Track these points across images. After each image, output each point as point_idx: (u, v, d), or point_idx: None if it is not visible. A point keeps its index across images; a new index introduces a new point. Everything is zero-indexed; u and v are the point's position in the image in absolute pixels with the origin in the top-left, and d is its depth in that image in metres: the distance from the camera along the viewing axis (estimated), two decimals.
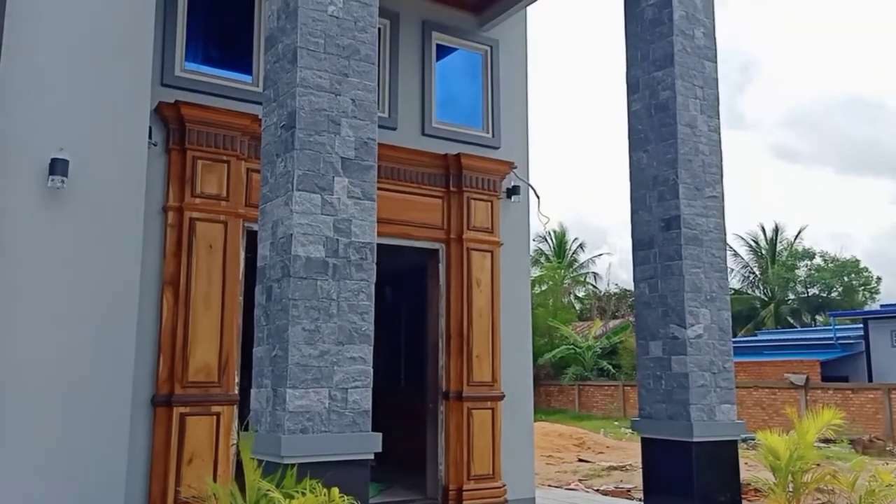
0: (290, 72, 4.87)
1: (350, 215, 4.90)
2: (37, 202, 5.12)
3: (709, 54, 6.55)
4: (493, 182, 8.71)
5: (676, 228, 6.17)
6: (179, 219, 6.66)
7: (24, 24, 5.13)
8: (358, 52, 5.07)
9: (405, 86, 8.52)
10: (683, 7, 6.45)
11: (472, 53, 9.24)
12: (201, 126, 6.82)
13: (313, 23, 4.89)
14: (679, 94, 6.29)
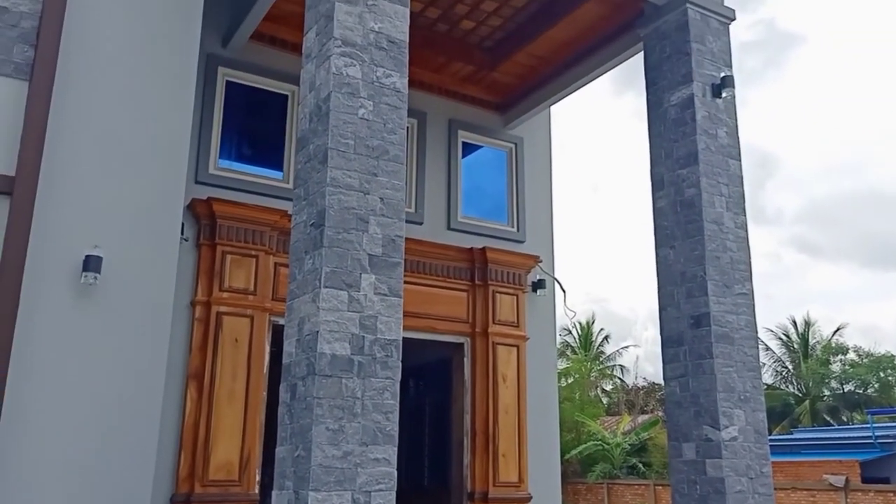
0: (321, 172, 4.99)
1: (376, 312, 4.89)
2: (69, 297, 5.19)
3: (732, 153, 6.61)
4: (519, 276, 8.71)
5: (706, 326, 6.07)
6: (207, 313, 6.71)
7: (67, 126, 5.36)
8: (387, 153, 5.19)
9: (432, 181, 8.69)
10: (706, 108, 6.57)
11: (497, 150, 9.44)
12: (232, 222, 6.96)
13: (344, 125, 5.04)
14: (704, 191, 6.32)
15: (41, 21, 5.32)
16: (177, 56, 5.88)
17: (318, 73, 5.25)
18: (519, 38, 8.31)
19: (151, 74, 5.75)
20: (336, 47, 5.11)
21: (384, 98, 5.23)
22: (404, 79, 5.34)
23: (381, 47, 5.29)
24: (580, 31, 7.98)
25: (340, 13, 5.18)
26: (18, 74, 5.20)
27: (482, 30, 8.38)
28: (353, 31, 5.21)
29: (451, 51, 8.58)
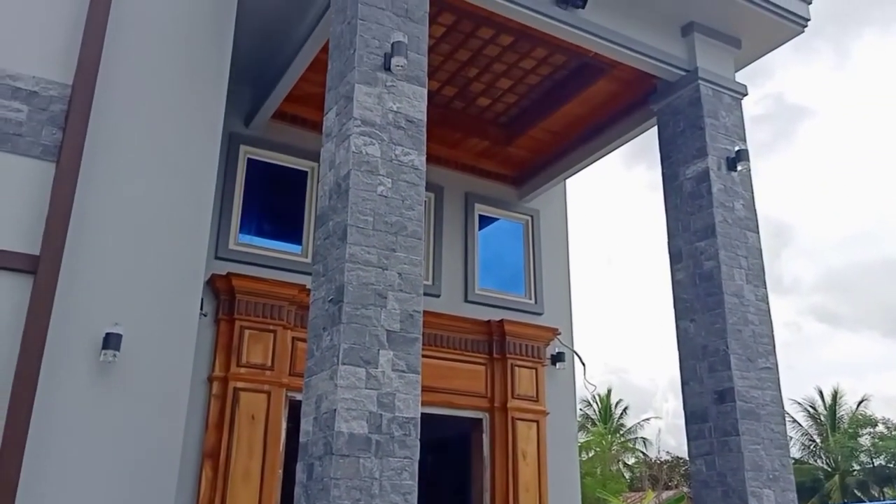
0: (340, 248, 5.03)
1: (394, 389, 4.84)
2: (88, 375, 5.19)
3: (750, 225, 6.61)
4: (537, 349, 8.62)
5: (731, 401, 5.94)
6: (224, 389, 6.67)
7: (92, 206, 5.46)
8: (405, 229, 5.24)
9: (449, 254, 8.73)
10: (721, 181, 6.60)
11: (513, 223, 9.49)
12: (251, 297, 6.99)
13: (363, 202, 5.10)
14: (723, 264, 6.29)
15: (70, 104, 5.50)
16: (201, 137, 6.03)
17: (337, 151, 5.35)
18: (534, 114, 8.47)
19: (176, 155, 5.89)
20: (356, 127, 5.23)
21: (402, 175, 5.31)
22: (422, 156, 5.43)
23: (400, 126, 5.41)
24: (593, 107, 8.12)
25: (360, 94, 5.31)
26: (46, 156, 5.34)
27: (497, 106, 8.56)
28: (373, 111, 5.33)
29: (468, 127, 8.75)
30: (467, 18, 7.03)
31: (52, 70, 5.59)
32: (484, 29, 7.20)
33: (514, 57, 7.63)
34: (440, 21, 7.04)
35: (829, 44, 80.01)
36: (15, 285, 5.06)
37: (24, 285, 5.07)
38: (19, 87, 5.40)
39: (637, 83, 7.53)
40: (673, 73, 7.00)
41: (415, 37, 5.66)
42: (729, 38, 7.19)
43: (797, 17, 7.03)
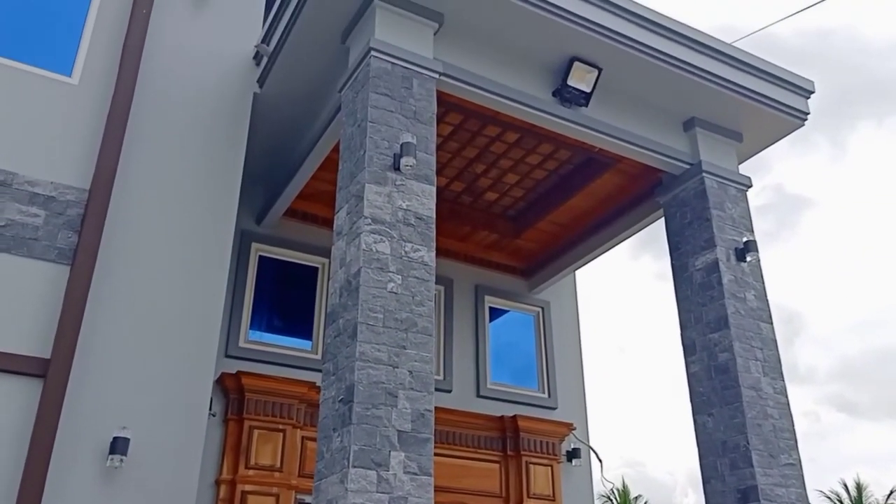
0: (350, 346, 5.00)
1: (406, 492, 4.70)
2: (94, 480, 5.08)
3: (763, 316, 6.55)
4: (552, 445, 8.41)
5: (755, 500, 5.73)
6: (231, 492, 6.50)
7: (104, 309, 5.50)
8: (416, 325, 5.22)
9: (460, 348, 8.65)
10: (731, 272, 6.60)
11: (524, 314, 9.45)
12: (260, 395, 6.91)
13: (373, 299, 5.11)
14: (738, 356, 6.20)
15: (86, 209, 5.61)
16: (214, 238, 6.13)
17: (348, 249, 5.40)
18: (541, 207, 8.58)
19: (189, 256, 5.97)
20: (366, 225, 5.30)
21: (412, 272, 5.34)
22: (432, 252, 5.47)
23: (410, 224, 5.47)
24: (600, 200, 8.23)
25: (370, 193, 5.41)
26: (61, 259, 5.42)
27: (505, 200, 8.68)
28: (383, 209, 5.42)
29: (477, 220, 8.86)
30: (474, 117, 7.23)
31: (70, 175, 5.75)
32: (490, 127, 7.40)
33: (521, 153, 7.80)
34: (447, 120, 7.25)
35: (825, 136, 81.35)
36: (25, 389, 5.04)
37: (33, 389, 5.05)
38: (37, 193, 5.54)
39: (642, 176, 7.65)
40: (677, 166, 7.12)
41: (423, 137, 5.80)
42: (730, 132, 7.35)
43: (797, 111, 7.19)
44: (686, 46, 6.74)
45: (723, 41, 6.99)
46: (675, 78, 6.79)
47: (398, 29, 6.05)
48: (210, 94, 6.77)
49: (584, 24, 6.31)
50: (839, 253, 75.59)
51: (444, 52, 6.24)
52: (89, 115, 6.09)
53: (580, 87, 6.57)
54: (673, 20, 6.72)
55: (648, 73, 6.74)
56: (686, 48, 6.74)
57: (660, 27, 6.63)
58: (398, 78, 5.89)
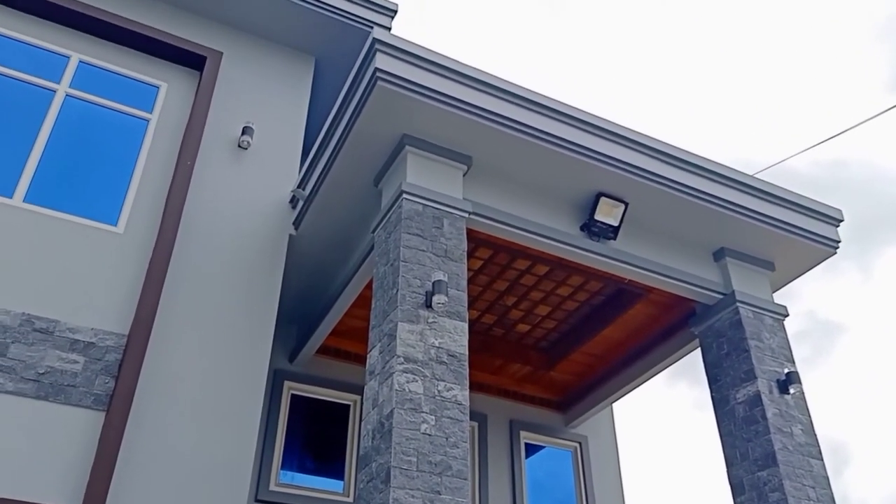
0: (384, 492, 4.86)
1: None
2: None
3: (812, 451, 6.27)
4: None
5: None
6: None
7: (136, 453, 5.46)
8: (450, 468, 5.08)
9: (495, 486, 8.36)
10: (775, 405, 6.39)
11: (562, 450, 9.17)
12: None
13: (407, 441, 5.01)
14: (790, 496, 5.88)
15: (124, 354, 5.71)
16: (247, 381, 6.15)
17: (381, 389, 5.37)
18: (573, 338, 8.51)
19: (221, 399, 5.97)
20: (399, 364, 5.28)
21: (446, 412, 5.25)
22: (465, 391, 5.41)
23: (442, 362, 5.45)
24: (633, 330, 8.16)
25: (403, 332, 5.43)
26: (97, 405, 5.45)
27: (537, 332, 8.64)
28: (415, 347, 5.42)
29: (509, 352, 8.79)
30: (503, 251, 7.34)
31: (111, 321, 5.89)
32: (520, 260, 7.49)
33: (551, 285, 7.84)
34: (477, 255, 7.37)
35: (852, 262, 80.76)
36: None
37: None
38: (77, 339, 5.66)
39: (675, 306, 7.60)
40: (710, 296, 7.08)
41: (454, 274, 5.88)
42: (762, 262, 7.34)
43: (827, 239, 7.19)
44: (711, 180, 6.88)
45: (748, 174, 7.12)
46: (702, 210, 6.88)
47: (429, 172, 6.29)
48: (247, 237, 7.00)
49: (609, 162, 6.50)
50: (877, 378, 72.73)
51: (474, 192, 6.44)
52: (132, 262, 6.31)
53: (608, 222, 6.68)
54: (696, 155, 6.90)
55: (675, 205, 6.85)
56: (711, 181, 6.87)
57: (684, 162, 6.81)
58: (429, 218, 6.06)
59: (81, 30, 7.39)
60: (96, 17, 7.41)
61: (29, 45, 7.09)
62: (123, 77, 7.42)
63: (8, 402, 5.27)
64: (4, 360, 5.35)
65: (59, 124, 6.81)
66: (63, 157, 6.70)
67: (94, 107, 7.13)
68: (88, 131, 6.98)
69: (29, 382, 5.36)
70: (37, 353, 5.47)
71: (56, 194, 6.46)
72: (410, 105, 6.08)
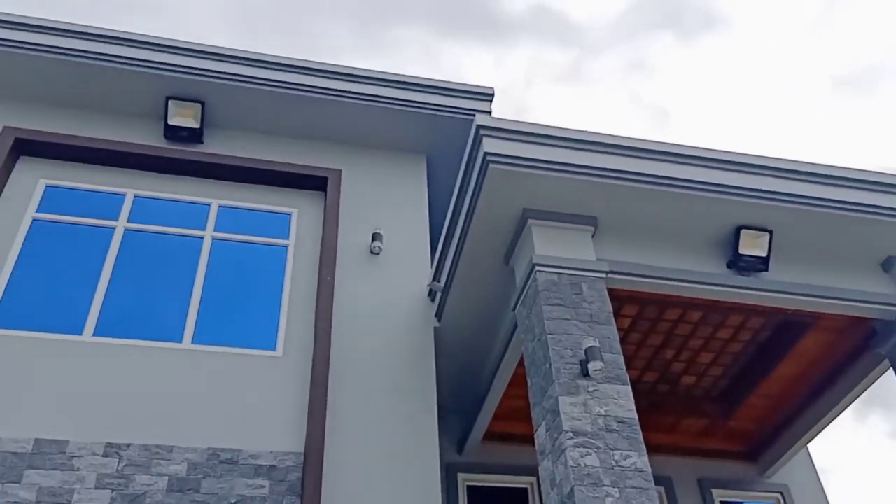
0: None
1: None
2: None
3: None
4: None
5: None
6: None
7: None
8: None
9: None
10: None
11: (762, 503, 8.47)
12: None
13: None
14: None
15: (304, 471, 5.90)
16: (422, 478, 6.19)
17: (556, 468, 5.22)
18: (746, 382, 7.98)
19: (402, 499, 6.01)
20: (568, 440, 5.13)
21: (628, 481, 5.01)
22: (643, 456, 5.16)
23: (613, 430, 5.25)
24: (809, 363, 7.54)
25: (565, 406, 5.30)
26: None
27: (705, 381, 8.18)
28: (581, 420, 5.26)
29: (679, 408, 8.35)
30: (651, 304, 7.09)
31: (286, 441, 6.14)
32: (670, 310, 7.20)
33: (709, 330, 7.45)
34: (624, 314, 7.15)
35: None
36: None
37: None
38: (260, 465, 5.93)
39: (851, 328, 6.99)
40: (888, 310, 6.47)
41: (605, 338, 5.73)
42: None
43: None
44: (863, 189, 6.42)
45: None
46: (858, 222, 6.40)
47: (556, 240, 6.26)
48: (395, 337, 7.18)
49: (746, 194, 6.24)
50: None
51: (607, 251, 6.33)
52: (295, 380, 6.62)
53: (755, 254, 6.35)
54: (839, 167, 6.50)
55: (826, 223, 6.42)
56: (864, 191, 6.42)
57: (828, 178, 6.42)
58: (567, 286, 5.99)
59: (216, 178, 8.07)
60: (226, 164, 8.09)
61: (175, 202, 7.81)
62: (258, 211, 7.99)
63: None
64: (199, 496, 5.67)
65: (211, 266, 7.37)
66: (218, 295, 7.21)
67: (238, 244, 7.68)
68: (236, 267, 7.51)
69: None
70: (226, 484, 5.77)
71: (218, 330, 6.93)
72: (525, 179, 6.14)
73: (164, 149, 8.03)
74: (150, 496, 5.65)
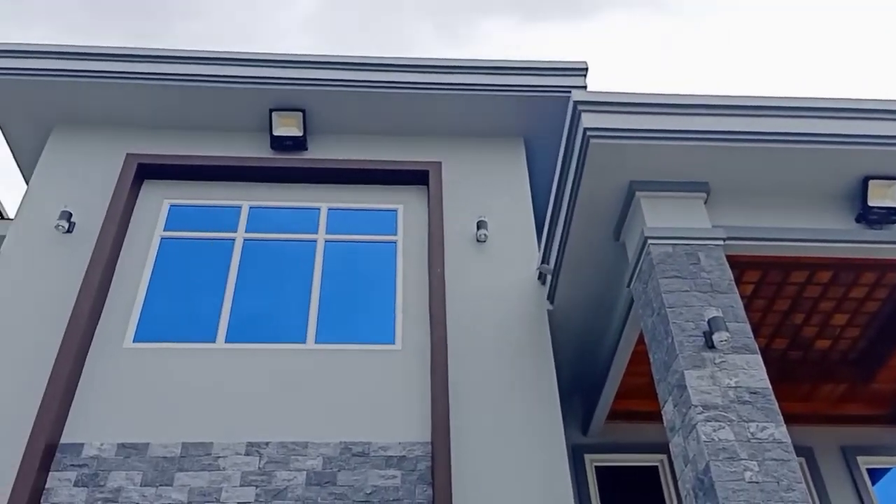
0: None
1: None
2: None
3: None
4: None
5: None
6: None
7: None
8: None
9: None
10: None
11: None
12: None
13: (734, 494, 4.63)
14: None
15: (433, 460, 6.03)
16: (549, 461, 6.20)
17: (687, 444, 5.09)
18: (886, 342, 7.47)
19: (531, 485, 6.05)
20: (698, 414, 4.99)
21: (767, 454, 4.82)
22: (781, 426, 4.95)
23: (745, 401, 5.06)
24: None
25: (692, 380, 5.16)
26: None
27: (840, 344, 7.72)
28: (710, 393, 5.10)
29: (814, 375, 7.92)
30: (774, 269, 6.75)
31: (413, 432, 6.30)
32: (795, 273, 6.83)
33: (840, 290, 7.01)
34: (746, 280, 6.85)
35: None
36: None
37: None
38: (391, 456, 6.11)
39: None
40: None
41: (728, 307, 5.53)
42: None
43: None
44: None
45: None
46: None
47: (667, 210, 6.09)
48: (509, 324, 7.20)
49: (874, 142, 5.85)
50: None
51: (722, 216, 6.10)
52: (415, 372, 6.76)
53: (885, 205, 5.93)
54: None
55: None
56: None
57: None
58: (682, 256, 5.82)
59: (323, 182, 8.33)
60: (331, 168, 8.34)
61: (287, 209, 8.13)
62: (365, 211, 8.19)
63: None
64: (337, 489, 5.91)
65: (326, 267, 7.63)
66: (335, 294, 7.46)
67: (349, 244, 7.91)
68: (350, 266, 7.74)
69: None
70: (361, 476, 5.98)
71: (338, 329, 7.17)
72: (629, 151, 5.99)
73: (272, 159, 8.36)
74: (292, 490, 5.93)
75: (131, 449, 6.09)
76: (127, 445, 6.10)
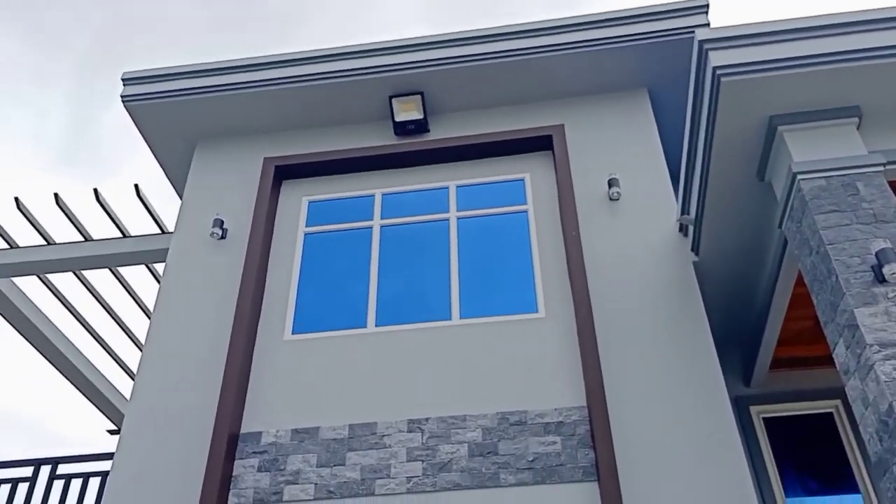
0: None
1: None
2: None
3: None
4: None
5: None
6: None
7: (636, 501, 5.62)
8: None
9: None
10: None
11: None
12: None
13: None
14: None
15: (591, 423, 6.01)
16: (713, 416, 6.01)
17: (866, 387, 4.77)
18: None
19: (696, 442, 5.90)
20: (875, 353, 4.67)
21: None
22: None
23: None
24: None
25: (864, 318, 4.82)
26: (587, 477, 5.79)
27: None
28: (886, 330, 4.75)
29: None
30: None
31: (567, 397, 6.29)
32: None
33: None
34: None
35: None
36: None
37: None
38: (548, 422, 6.14)
39: None
40: None
41: None
42: None
43: None
44: None
45: None
46: None
47: (815, 142, 5.70)
48: (654, 280, 7.01)
49: None
50: None
51: (879, 141, 5.63)
52: (561, 337, 6.74)
53: None
54: None
55: None
56: None
57: None
58: (838, 188, 5.43)
59: (448, 161, 8.43)
60: (454, 146, 8.41)
61: (417, 192, 8.30)
62: (493, 184, 8.21)
63: (515, 493, 5.88)
64: (499, 458, 6.03)
65: (461, 244, 7.73)
66: (474, 269, 7.55)
67: (481, 218, 7.97)
68: (484, 240, 7.80)
69: (525, 472, 5.93)
70: (521, 444, 6.06)
71: (481, 303, 7.26)
72: (766, 85, 5.64)
73: (397, 145, 8.54)
74: (456, 462, 6.11)
75: (304, 433, 6.48)
76: (300, 430, 6.50)
